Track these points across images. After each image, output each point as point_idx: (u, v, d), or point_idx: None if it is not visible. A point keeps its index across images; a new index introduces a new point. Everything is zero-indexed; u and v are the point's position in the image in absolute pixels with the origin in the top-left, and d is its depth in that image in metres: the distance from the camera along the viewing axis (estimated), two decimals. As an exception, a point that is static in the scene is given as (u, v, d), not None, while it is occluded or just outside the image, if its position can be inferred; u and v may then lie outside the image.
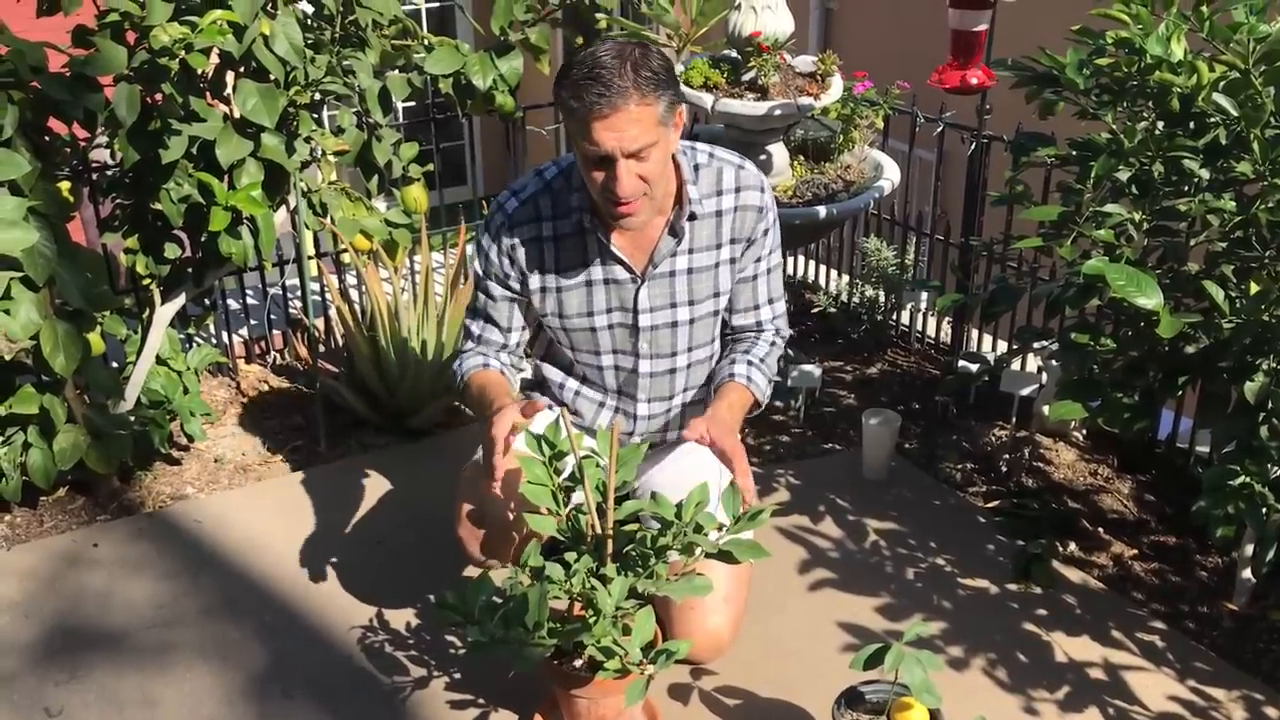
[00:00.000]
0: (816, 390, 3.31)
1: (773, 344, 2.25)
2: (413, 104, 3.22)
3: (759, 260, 2.19)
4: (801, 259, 4.12)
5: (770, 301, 2.24)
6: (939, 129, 3.38)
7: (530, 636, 1.80)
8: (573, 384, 2.30)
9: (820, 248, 4.04)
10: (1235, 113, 1.93)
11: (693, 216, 2.09)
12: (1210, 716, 2.20)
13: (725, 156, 2.15)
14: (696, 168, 2.10)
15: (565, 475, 1.98)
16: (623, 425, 2.27)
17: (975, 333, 3.63)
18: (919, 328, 3.68)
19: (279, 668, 2.31)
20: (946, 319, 3.59)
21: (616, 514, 1.94)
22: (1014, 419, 3.06)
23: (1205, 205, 2.05)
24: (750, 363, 2.20)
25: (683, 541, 1.87)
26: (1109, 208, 2.09)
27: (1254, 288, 2.00)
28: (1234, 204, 1.97)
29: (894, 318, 3.71)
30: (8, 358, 2.78)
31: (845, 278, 3.92)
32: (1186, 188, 2.14)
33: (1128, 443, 3.03)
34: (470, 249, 3.40)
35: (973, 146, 3.24)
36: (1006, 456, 3.01)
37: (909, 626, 1.87)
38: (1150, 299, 1.95)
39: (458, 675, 2.28)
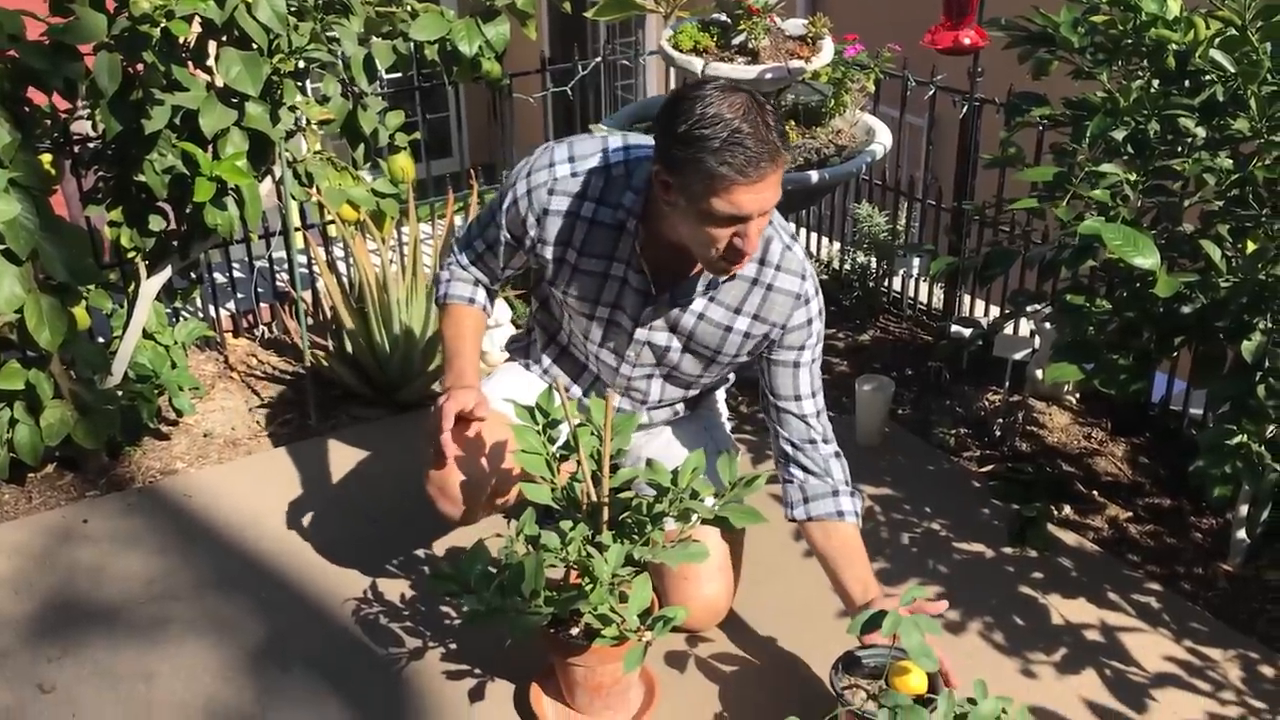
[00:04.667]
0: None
1: (838, 455, 2.13)
2: (398, 74, 3.18)
3: (802, 349, 2.08)
4: (793, 227, 4.09)
5: (813, 394, 2.11)
6: (930, 93, 3.36)
7: (526, 605, 1.79)
8: (555, 350, 2.29)
9: (812, 215, 4.02)
10: (1232, 69, 1.91)
11: (732, 276, 2.01)
12: (1206, 676, 2.20)
13: (780, 226, 2.05)
14: None
15: (559, 444, 1.96)
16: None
17: (968, 298, 3.62)
18: (911, 294, 3.67)
19: (275, 641, 2.30)
20: (939, 284, 3.58)
21: (611, 482, 1.93)
22: (1007, 384, 3.05)
23: (1201, 164, 2.03)
24: (853, 494, 2.11)
25: (679, 507, 1.86)
26: (1104, 167, 2.07)
27: (1250, 246, 1.99)
28: (1230, 162, 1.95)
29: (886, 284, 3.70)
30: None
31: (837, 245, 3.90)
32: (1181, 148, 2.12)
33: (1121, 406, 3.03)
34: (459, 220, 3.38)
35: (965, 109, 3.22)
36: (1000, 421, 3.00)
37: (905, 590, 1.86)
38: (1147, 259, 1.94)
39: (454, 646, 2.27)
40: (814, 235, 4.04)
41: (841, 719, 1.86)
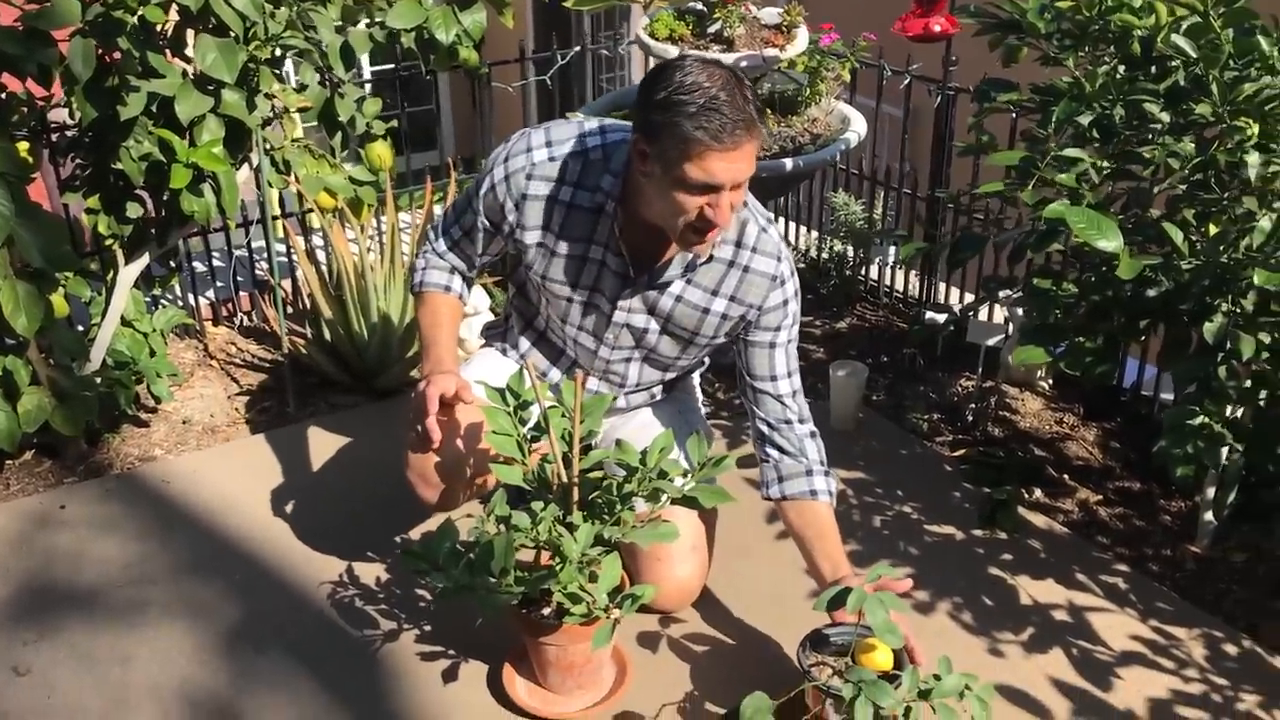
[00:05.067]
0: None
1: (813, 435, 2.17)
2: (384, 66, 3.18)
3: (778, 330, 2.12)
4: (771, 215, 4.11)
5: (789, 374, 2.15)
6: (905, 82, 3.38)
7: (497, 584, 1.81)
8: (533, 335, 2.31)
9: (790, 204, 4.04)
10: (1194, 54, 1.94)
11: (710, 258, 2.04)
12: (1171, 654, 2.23)
13: (755, 209, 2.09)
14: None
15: (530, 425, 1.98)
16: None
17: (943, 286, 3.65)
18: (888, 282, 3.69)
19: (250, 624, 2.31)
20: (914, 272, 3.60)
21: (582, 463, 1.95)
22: (980, 369, 3.08)
23: (1166, 149, 2.06)
24: (827, 473, 2.15)
25: (648, 487, 1.88)
26: (1070, 152, 2.09)
27: (1212, 229, 2.01)
28: (1193, 146, 1.97)
29: (863, 272, 3.72)
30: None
31: (814, 234, 3.92)
32: (1150, 134, 2.15)
33: (1093, 391, 3.06)
34: (438, 208, 3.39)
35: (939, 99, 3.24)
36: (972, 406, 3.03)
37: (872, 568, 1.89)
38: (1111, 242, 1.96)
39: (428, 628, 2.29)
40: (792, 224, 4.06)
41: (808, 694, 1.88)
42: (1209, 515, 2.54)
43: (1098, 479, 2.80)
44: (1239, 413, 2.10)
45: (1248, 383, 2.03)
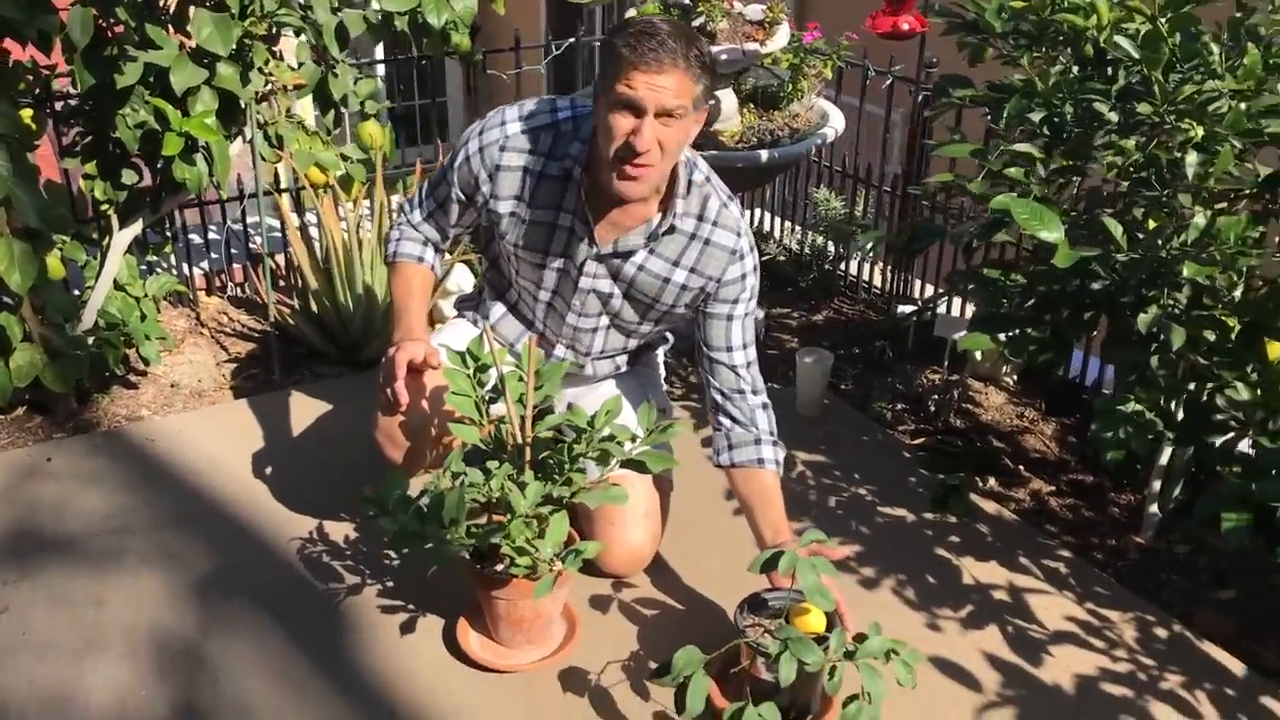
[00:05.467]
0: (761, 333, 3.41)
1: (765, 406, 2.26)
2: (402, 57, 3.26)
3: (735, 302, 2.21)
4: (758, 210, 4.20)
5: (744, 345, 2.24)
6: (888, 82, 3.47)
7: (447, 533, 1.90)
8: (503, 307, 2.40)
9: (774, 199, 4.13)
10: (1135, 55, 2.02)
11: (671, 229, 2.14)
12: (1104, 636, 2.32)
13: (718, 186, 2.19)
14: (690, 183, 2.14)
15: (489, 388, 2.07)
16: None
17: (918, 282, 3.73)
18: (866, 278, 3.78)
19: (221, 575, 2.41)
20: (890, 268, 3.69)
21: (538, 428, 2.04)
22: (946, 362, 3.17)
23: (1115, 147, 2.14)
24: (774, 443, 2.23)
25: (596, 448, 1.97)
26: (1019, 146, 2.18)
27: (1152, 224, 2.10)
28: (1132, 143, 2.06)
29: (843, 268, 3.81)
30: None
31: (798, 229, 4.01)
32: (1099, 133, 2.23)
33: (1055, 388, 3.14)
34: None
35: (920, 98, 3.32)
36: (935, 398, 3.11)
37: (806, 533, 1.97)
38: (1052, 233, 2.05)
39: (390, 584, 2.38)
40: (776, 219, 4.15)
41: (742, 652, 1.97)
42: (1154, 507, 2.62)
43: (1053, 471, 2.88)
44: (1174, 404, 2.18)
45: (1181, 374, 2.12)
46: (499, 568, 2.05)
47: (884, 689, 1.89)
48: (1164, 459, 2.56)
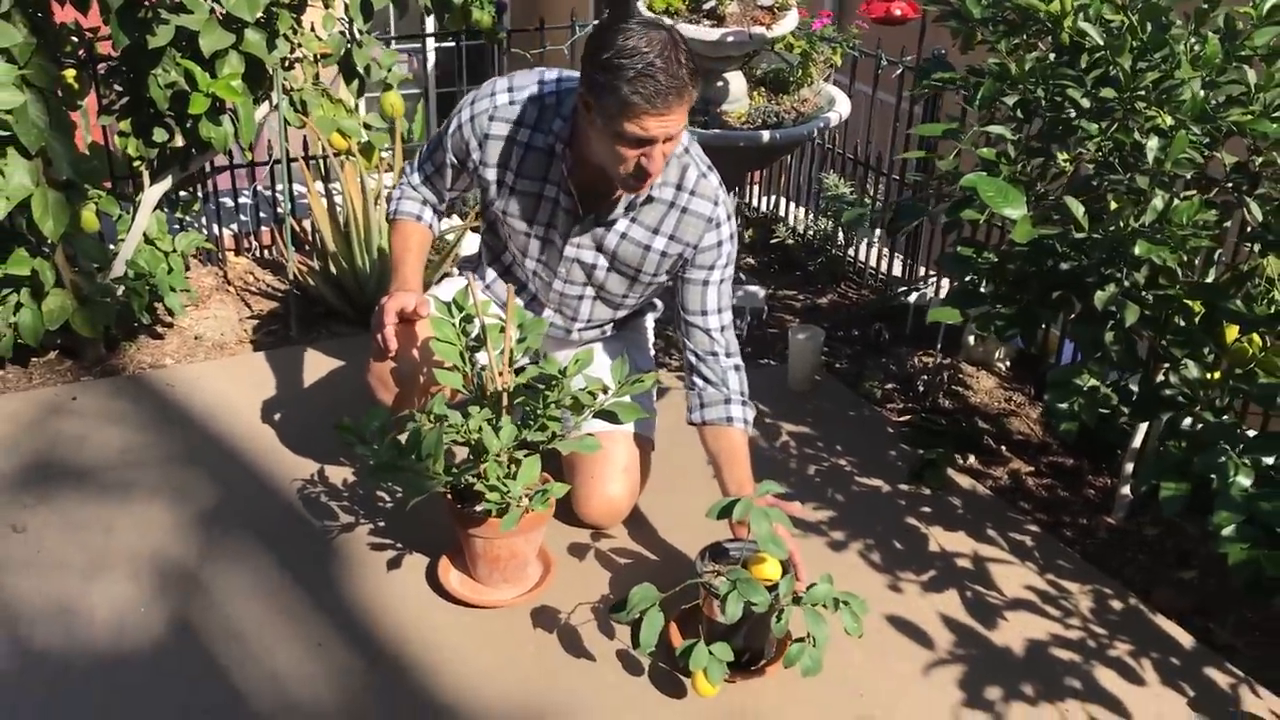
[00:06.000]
0: (763, 312, 3.51)
1: (737, 368, 2.35)
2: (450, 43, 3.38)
3: (712, 269, 2.30)
4: (771, 195, 4.30)
5: (719, 310, 2.33)
6: (898, 71, 3.55)
7: (424, 467, 2.02)
8: (499, 268, 2.52)
9: (788, 185, 4.23)
10: (1100, 41, 2.10)
11: (650, 199, 2.25)
12: (1059, 605, 2.40)
13: (696, 156, 2.28)
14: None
15: (473, 337, 2.20)
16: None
17: (922, 269, 3.81)
18: (873, 263, 3.86)
19: (224, 509, 2.56)
20: (894, 254, 3.77)
21: (519, 379, 2.17)
22: (939, 345, 3.25)
23: (1085, 132, 2.22)
24: (743, 402, 2.32)
25: (567, 395, 2.09)
26: (992, 128, 2.26)
27: (1113, 205, 2.18)
28: (1096, 128, 2.14)
29: (853, 252, 3.90)
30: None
31: (811, 215, 4.10)
32: (1070, 117, 2.31)
33: (1046, 373, 3.20)
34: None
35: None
36: (925, 378, 3.20)
37: (761, 485, 2.08)
38: (1015, 210, 2.13)
39: (381, 524, 2.52)
40: (792, 205, 4.24)
41: (702, 597, 2.08)
42: (1126, 489, 2.70)
43: (1033, 453, 2.96)
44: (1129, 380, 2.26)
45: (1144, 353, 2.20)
46: (478, 509, 2.18)
47: (828, 633, 1.99)
48: (1137, 442, 2.64)
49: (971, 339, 3.29)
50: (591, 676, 2.13)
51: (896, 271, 3.82)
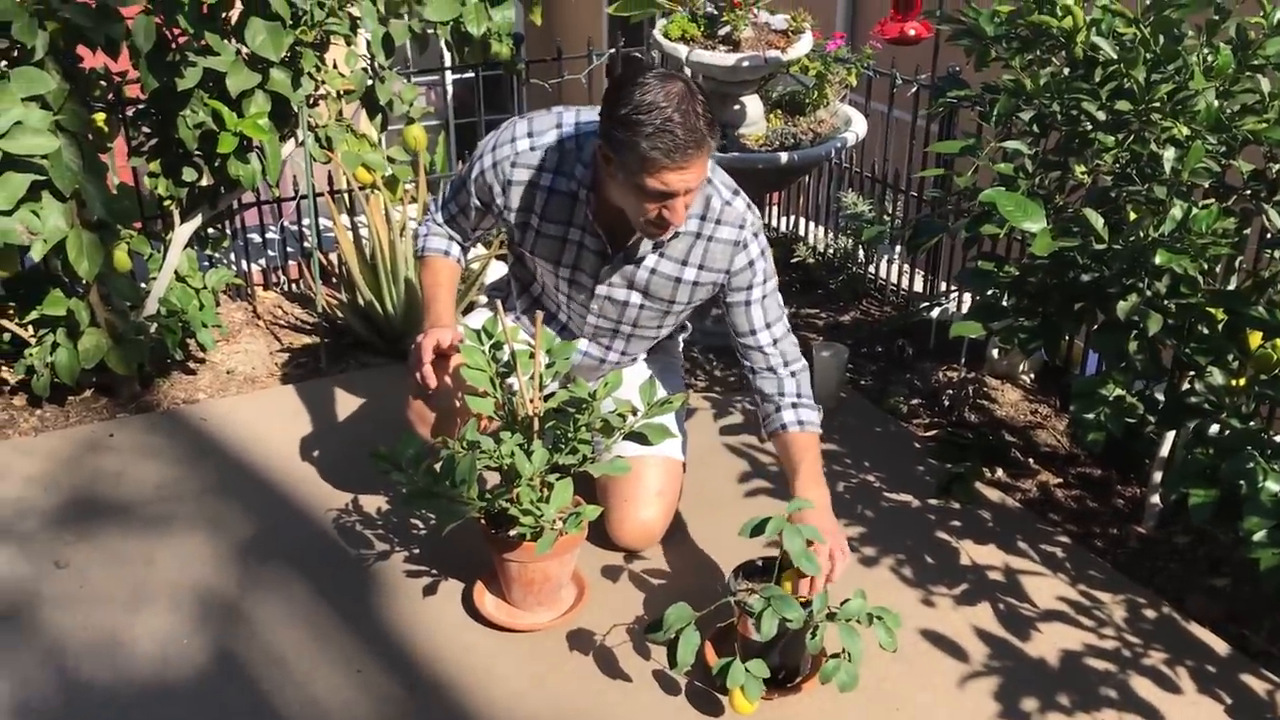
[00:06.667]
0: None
1: (794, 374, 2.35)
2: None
3: (750, 288, 2.32)
4: (791, 215, 4.33)
5: (768, 325, 2.33)
6: (914, 89, 3.58)
7: (458, 493, 2.06)
8: (528, 299, 2.56)
9: (807, 203, 4.26)
10: (1113, 54, 2.13)
11: (675, 234, 2.26)
12: (1093, 615, 2.40)
13: (720, 183, 2.28)
14: None
15: (503, 364, 2.23)
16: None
17: (944, 285, 3.82)
18: (894, 281, 3.88)
19: (260, 539, 2.60)
20: (916, 271, 3.79)
21: (549, 403, 2.20)
22: (963, 360, 3.26)
23: (1101, 145, 2.25)
24: (795, 405, 2.32)
25: (598, 419, 2.12)
26: (1009, 144, 2.29)
27: (1132, 216, 2.20)
28: (1112, 140, 2.16)
29: (871, 270, 3.92)
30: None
31: (831, 234, 4.13)
32: (1087, 130, 2.34)
33: (1068, 384, 3.22)
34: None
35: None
36: (950, 393, 3.21)
37: (792, 502, 2.10)
38: (1035, 223, 2.16)
39: (416, 551, 2.55)
40: (812, 225, 4.28)
41: (733, 613, 2.10)
42: (1155, 498, 2.70)
43: (1061, 464, 2.97)
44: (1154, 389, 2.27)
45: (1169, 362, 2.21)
46: (512, 533, 2.21)
47: (863, 649, 2.01)
48: (1164, 450, 2.64)
49: (995, 352, 3.31)
50: (629, 697, 2.16)
51: (918, 287, 3.84)
